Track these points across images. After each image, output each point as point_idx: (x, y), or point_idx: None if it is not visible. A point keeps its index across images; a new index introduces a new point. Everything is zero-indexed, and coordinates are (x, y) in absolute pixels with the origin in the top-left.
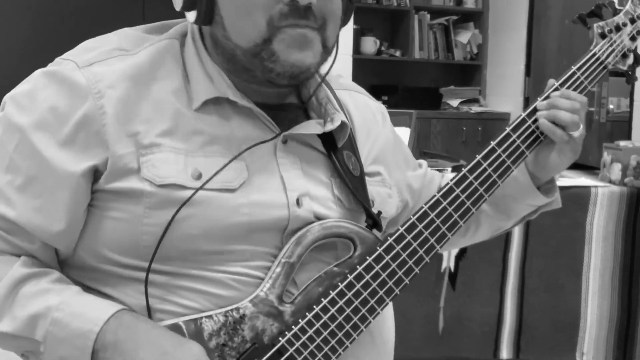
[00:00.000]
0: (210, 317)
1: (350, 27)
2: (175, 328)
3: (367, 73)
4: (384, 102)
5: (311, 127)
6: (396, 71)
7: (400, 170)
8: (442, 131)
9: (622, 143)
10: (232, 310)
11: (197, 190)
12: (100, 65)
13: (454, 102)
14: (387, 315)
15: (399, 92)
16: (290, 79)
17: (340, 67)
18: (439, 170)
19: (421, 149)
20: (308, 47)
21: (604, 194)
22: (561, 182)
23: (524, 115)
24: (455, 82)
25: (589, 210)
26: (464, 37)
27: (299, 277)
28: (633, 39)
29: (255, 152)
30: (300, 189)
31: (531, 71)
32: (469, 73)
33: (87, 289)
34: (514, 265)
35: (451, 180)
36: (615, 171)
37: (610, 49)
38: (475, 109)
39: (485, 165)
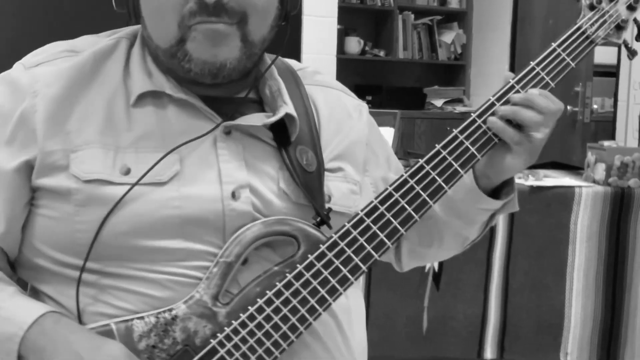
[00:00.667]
0: (141, 318)
1: (334, 27)
2: (106, 330)
3: (351, 73)
4: (368, 102)
5: (254, 119)
6: (380, 71)
7: (380, 169)
8: (426, 131)
9: (606, 143)
10: (164, 311)
11: (133, 185)
12: (46, 65)
13: (438, 102)
14: (354, 321)
15: (383, 92)
16: (211, 77)
17: (324, 67)
18: None
19: (405, 148)
20: (222, 42)
21: (588, 194)
22: (545, 182)
23: (492, 99)
24: (440, 82)
25: (573, 210)
26: (448, 37)
27: (242, 276)
28: (631, 8)
29: (193, 143)
30: (238, 181)
31: (515, 71)
32: (453, 73)
33: (33, 289)
34: (498, 265)
35: (406, 172)
36: (599, 171)
37: (602, 20)
38: (459, 108)
39: (445, 153)
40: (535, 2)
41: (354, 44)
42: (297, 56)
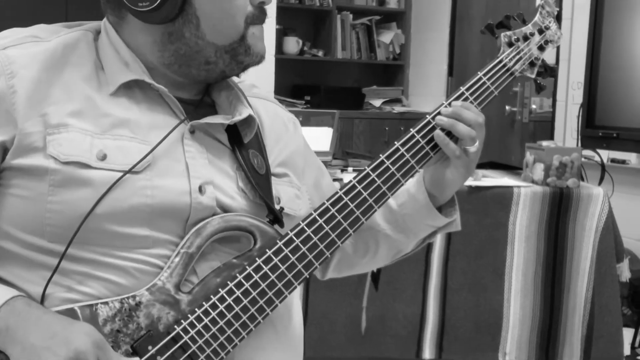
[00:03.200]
0: (105, 303)
1: (272, 27)
2: (70, 313)
3: (290, 73)
4: (307, 102)
5: (218, 118)
6: (319, 71)
7: (314, 179)
8: (364, 131)
9: (545, 143)
10: (128, 297)
11: (125, 172)
12: (15, 48)
13: (377, 102)
14: (294, 311)
15: (322, 92)
16: (254, 64)
17: (262, 67)
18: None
19: (344, 148)
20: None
21: (526, 194)
22: (484, 182)
23: (429, 117)
24: (378, 82)
25: (512, 210)
26: (387, 37)
27: (200, 267)
28: (541, 48)
29: (162, 137)
30: (204, 177)
31: (454, 71)
32: (392, 73)
33: None
34: (436, 265)
35: (354, 177)
36: (538, 171)
37: (518, 56)
38: (397, 109)
39: (388, 163)
40: (473, 3)
41: (293, 44)
42: None
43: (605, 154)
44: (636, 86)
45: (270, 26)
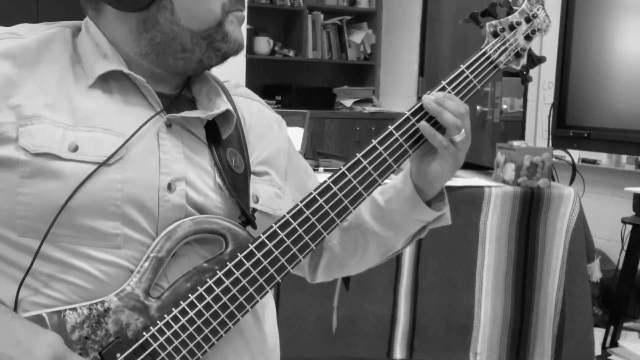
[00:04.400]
0: (74, 309)
1: (243, 27)
2: (38, 320)
3: (261, 73)
4: (278, 102)
5: (195, 113)
6: (290, 71)
7: (299, 180)
8: (335, 131)
9: (516, 143)
10: (97, 303)
11: (100, 165)
12: None
13: (348, 102)
14: (267, 316)
15: (293, 92)
16: (233, 53)
17: (233, 67)
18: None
19: (315, 148)
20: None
21: (497, 194)
22: (455, 182)
23: (408, 113)
24: (349, 82)
25: (483, 210)
26: (358, 37)
27: (171, 271)
28: (528, 38)
29: (139, 131)
30: (176, 173)
31: (425, 71)
32: (363, 73)
33: None
34: (407, 266)
35: (329, 178)
36: (509, 171)
37: (503, 47)
38: (368, 109)
39: (365, 163)
40: (444, 3)
41: (264, 44)
42: None
43: (576, 154)
44: (607, 86)
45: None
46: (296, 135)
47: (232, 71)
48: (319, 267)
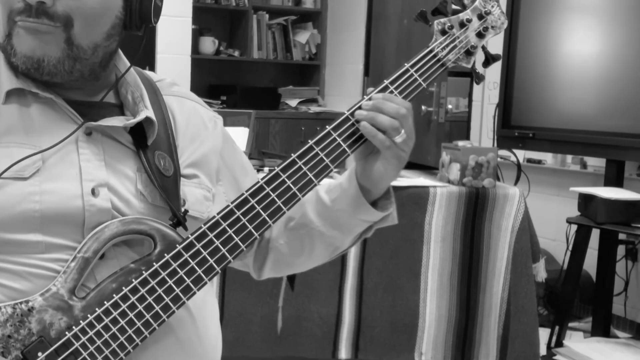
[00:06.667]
0: None
1: (188, 27)
2: None
3: (206, 73)
4: (223, 102)
5: (114, 121)
6: (235, 71)
7: (234, 179)
8: (280, 131)
9: (461, 143)
10: (21, 302)
11: None
12: None
13: (293, 102)
14: (207, 317)
15: (238, 92)
16: (36, 73)
17: (178, 67)
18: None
19: (260, 148)
20: (41, 39)
21: (442, 194)
22: (400, 182)
23: (347, 113)
24: (294, 82)
25: (428, 210)
26: (303, 37)
27: (100, 273)
28: (480, 35)
29: (55, 141)
30: (98, 179)
31: (370, 71)
32: (308, 73)
33: None
34: (352, 266)
35: (262, 178)
36: (454, 171)
37: (452, 45)
38: (313, 108)
39: (300, 163)
40: (389, 2)
41: (209, 44)
42: (151, 56)
43: (521, 154)
44: (552, 86)
45: (186, 26)
46: (241, 135)
47: (177, 71)
48: (265, 266)
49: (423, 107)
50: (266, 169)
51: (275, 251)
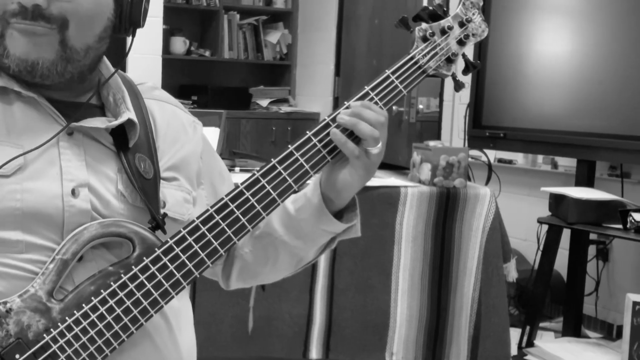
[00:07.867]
0: None
1: (159, 27)
2: None
3: (177, 73)
4: (194, 102)
5: (96, 122)
6: (206, 71)
7: (212, 185)
8: (251, 131)
9: (432, 143)
10: None
11: None
12: None
13: (264, 102)
14: (182, 323)
15: (209, 92)
16: (28, 75)
17: (149, 67)
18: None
19: (231, 149)
20: (36, 42)
21: (413, 194)
22: (371, 182)
23: (328, 119)
24: (265, 82)
25: (399, 210)
26: (274, 37)
27: (78, 276)
28: (461, 43)
29: (37, 141)
30: (78, 180)
31: (341, 71)
32: (279, 73)
33: None
34: (323, 266)
35: (241, 183)
36: (425, 171)
37: (433, 52)
38: (284, 109)
39: (280, 169)
40: (360, 3)
41: (180, 44)
42: (121, 56)
43: (492, 154)
44: (523, 86)
45: (156, 26)
46: (212, 135)
47: (148, 71)
48: (231, 275)
49: (394, 108)
50: (237, 169)
51: (241, 259)
